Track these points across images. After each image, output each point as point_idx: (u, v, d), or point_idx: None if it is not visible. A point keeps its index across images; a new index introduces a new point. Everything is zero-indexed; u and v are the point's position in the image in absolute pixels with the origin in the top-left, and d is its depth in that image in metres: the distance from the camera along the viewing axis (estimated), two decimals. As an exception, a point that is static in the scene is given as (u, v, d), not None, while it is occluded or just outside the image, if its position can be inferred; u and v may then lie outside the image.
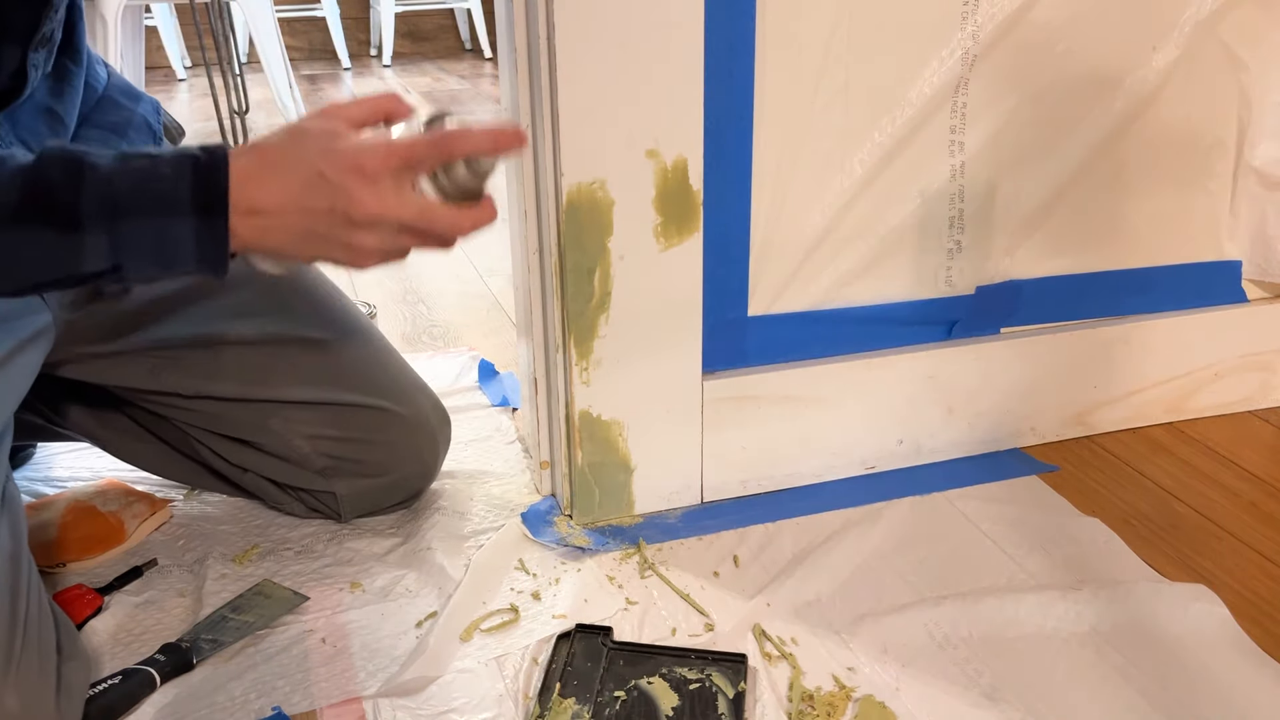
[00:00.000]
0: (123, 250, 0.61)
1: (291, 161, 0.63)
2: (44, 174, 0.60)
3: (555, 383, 0.96)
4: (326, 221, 0.63)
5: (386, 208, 0.62)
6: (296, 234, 0.63)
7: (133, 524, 0.97)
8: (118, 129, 0.88)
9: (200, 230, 0.61)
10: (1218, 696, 0.76)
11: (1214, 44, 1.04)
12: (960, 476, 1.07)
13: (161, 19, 4.01)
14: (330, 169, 0.62)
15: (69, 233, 0.59)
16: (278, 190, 0.62)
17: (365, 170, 0.62)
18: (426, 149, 0.64)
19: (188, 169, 0.61)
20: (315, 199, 0.62)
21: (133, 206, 0.60)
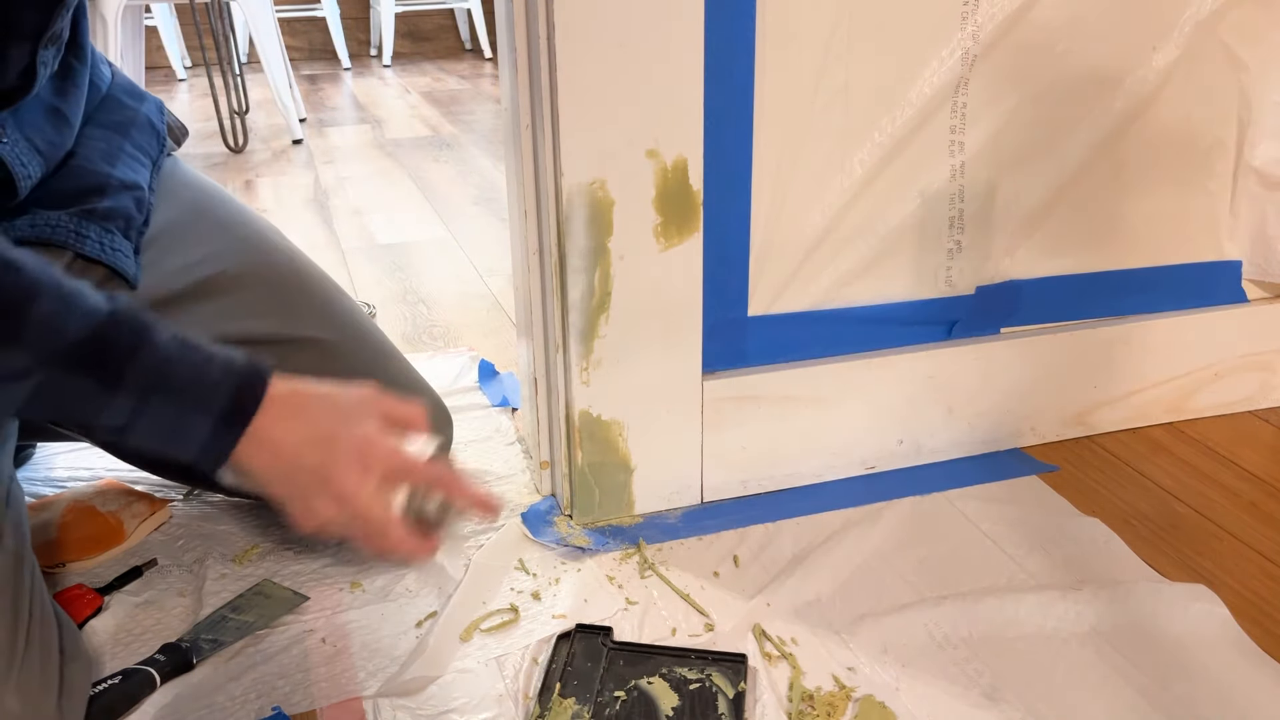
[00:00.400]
0: (140, 419, 0.64)
1: (315, 418, 0.67)
2: (110, 332, 0.62)
3: (555, 383, 0.96)
4: (307, 477, 0.67)
5: (360, 498, 0.66)
6: (279, 472, 0.67)
7: (132, 524, 0.97)
8: (121, 128, 0.88)
9: (214, 433, 0.65)
10: (1218, 696, 0.76)
11: (1214, 44, 1.04)
12: (960, 476, 1.07)
13: (161, 19, 4.01)
14: (341, 439, 0.67)
15: (104, 390, 0.62)
16: (288, 433, 0.66)
17: (366, 459, 0.67)
18: (422, 474, 0.69)
19: (234, 382, 0.65)
20: (313, 455, 0.66)
21: (170, 392, 0.64)
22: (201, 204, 0.95)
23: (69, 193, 0.82)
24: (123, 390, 0.62)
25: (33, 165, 0.78)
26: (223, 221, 0.95)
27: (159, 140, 0.93)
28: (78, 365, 0.61)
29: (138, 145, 0.89)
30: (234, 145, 2.79)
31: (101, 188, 0.84)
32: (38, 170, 0.79)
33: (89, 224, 0.82)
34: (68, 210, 0.81)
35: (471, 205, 2.26)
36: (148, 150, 0.91)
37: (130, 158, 0.88)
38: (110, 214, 0.84)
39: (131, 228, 0.86)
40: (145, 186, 0.89)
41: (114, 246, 0.83)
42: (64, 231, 0.80)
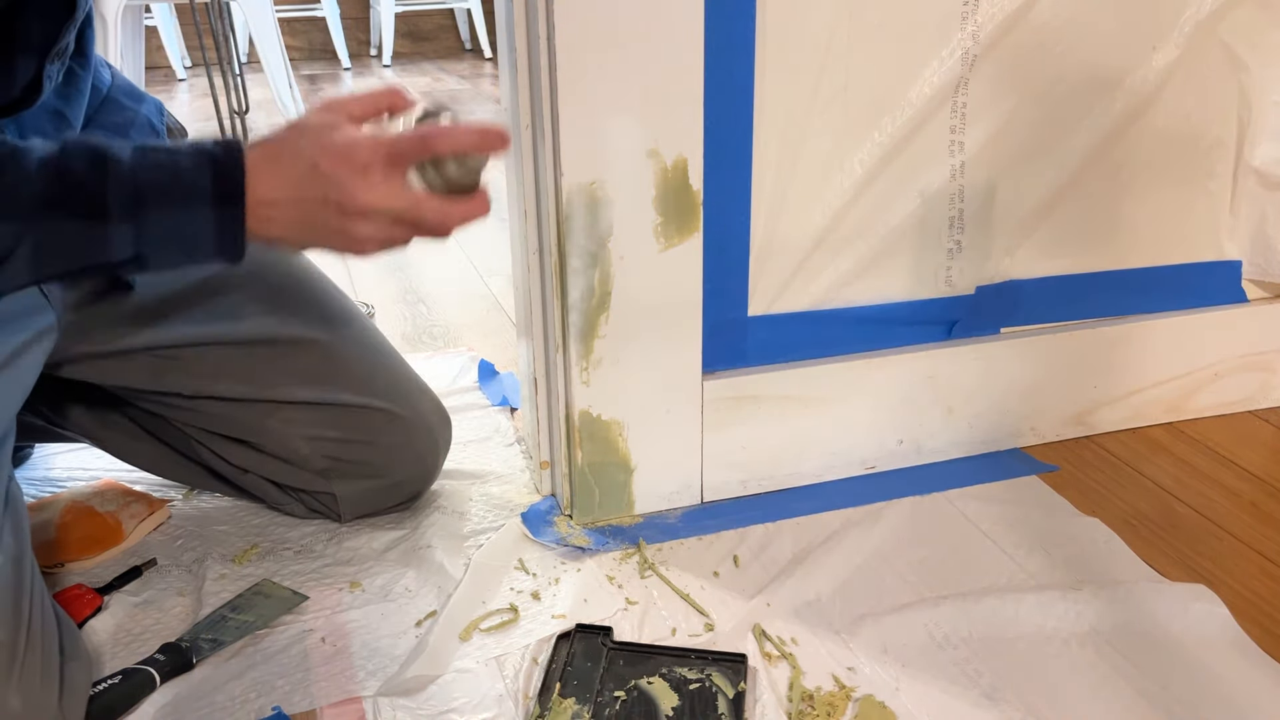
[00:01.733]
0: (146, 239, 0.63)
1: (291, 154, 0.66)
2: (69, 165, 0.62)
3: (555, 383, 0.96)
4: (322, 211, 0.65)
5: (377, 198, 0.65)
6: (296, 223, 0.66)
7: (131, 524, 0.97)
8: (121, 130, 0.88)
9: (219, 220, 0.64)
10: (1218, 696, 0.76)
11: (1214, 44, 1.04)
12: (960, 476, 1.07)
13: (161, 19, 4.01)
14: (324, 161, 0.65)
15: (96, 222, 0.62)
16: (279, 182, 0.65)
17: (355, 162, 0.65)
18: (411, 143, 0.67)
19: (206, 162, 0.64)
20: (311, 189, 0.65)
21: (156, 198, 0.63)
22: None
23: None
24: (111, 216, 0.62)
25: None
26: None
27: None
28: (57, 209, 0.61)
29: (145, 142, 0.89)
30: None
31: None
32: None
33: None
34: None
35: (471, 205, 2.25)
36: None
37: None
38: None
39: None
40: (145, 186, 0.88)
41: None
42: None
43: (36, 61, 0.72)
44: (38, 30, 0.71)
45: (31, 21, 0.71)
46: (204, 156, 0.64)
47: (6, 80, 0.71)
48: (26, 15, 0.70)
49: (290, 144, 0.66)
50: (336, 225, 0.66)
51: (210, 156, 0.64)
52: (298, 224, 0.66)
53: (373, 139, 0.66)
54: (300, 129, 0.67)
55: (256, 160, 0.65)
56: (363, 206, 0.65)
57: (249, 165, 0.65)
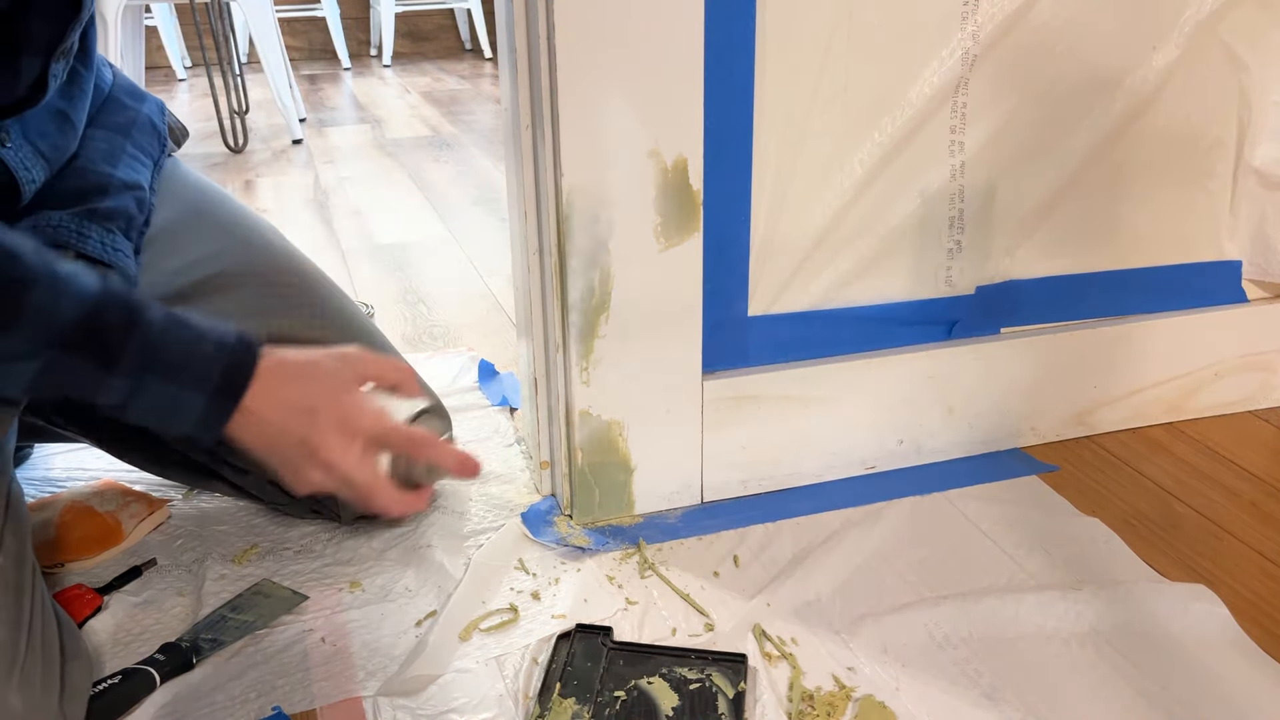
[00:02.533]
0: (137, 398, 0.66)
1: (299, 389, 0.70)
2: (102, 315, 0.64)
3: (555, 383, 0.96)
4: (293, 446, 0.69)
5: (345, 464, 0.69)
6: (266, 441, 0.69)
7: (130, 524, 0.97)
8: (122, 129, 0.88)
9: (209, 408, 0.67)
10: (1218, 696, 0.76)
11: (1214, 44, 1.04)
12: (960, 476, 1.07)
13: (161, 19, 4.01)
14: (323, 411, 0.69)
15: (101, 370, 0.64)
16: (275, 404, 0.69)
17: (348, 427, 0.69)
18: (402, 441, 0.72)
19: (225, 357, 0.67)
20: (297, 425, 0.69)
21: (165, 370, 0.66)
22: (201, 204, 0.95)
23: (71, 193, 0.82)
24: (119, 369, 0.64)
25: (36, 169, 0.78)
26: (222, 222, 0.95)
27: (160, 140, 0.93)
28: (75, 347, 0.63)
29: (139, 145, 0.89)
30: (234, 145, 2.79)
31: (103, 188, 0.84)
32: (41, 174, 0.79)
33: (90, 224, 0.82)
34: (69, 210, 0.81)
35: (471, 205, 2.26)
36: (149, 150, 0.91)
37: (131, 158, 0.88)
38: (112, 214, 0.84)
39: (132, 227, 0.86)
40: (146, 187, 0.89)
41: (115, 246, 0.83)
42: (66, 232, 0.80)
43: (41, 61, 0.73)
44: (42, 30, 0.72)
45: (36, 21, 0.71)
46: (224, 351, 0.67)
47: (11, 80, 0.72)
48: (31, 15, 0.70)
49: (304, 378, 0.70)
50: (297, 462, 0.70)
51: (230, 353, 0.67)
52: (266, 442, 0.69)
53: (375, 415, 0.70)
54: (318, 371, 0.71)
55: (267, 374, 0.68)
56: (329, 463, 0.69)
57: (259, 372, 0.68)
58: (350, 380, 0.72)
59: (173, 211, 0.92)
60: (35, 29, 0.71)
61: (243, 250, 0.93)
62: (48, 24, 0.72)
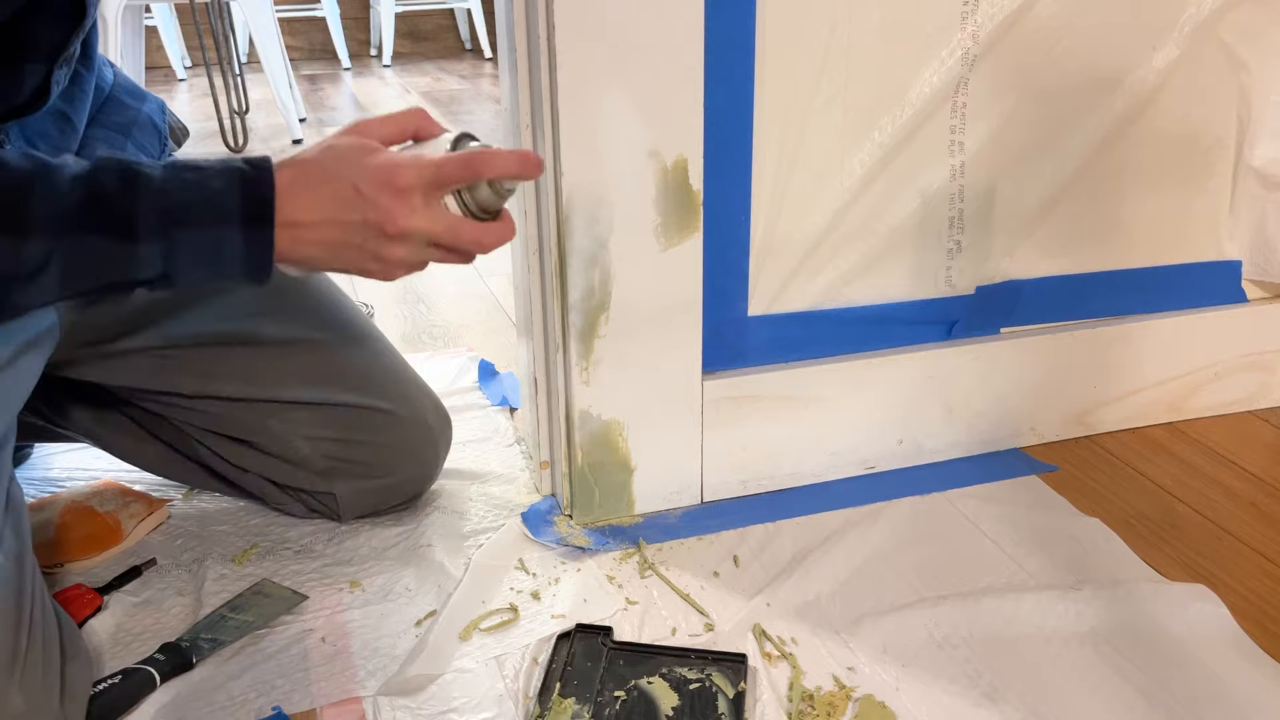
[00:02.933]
0: (175, 258, 0.63)
1: (328, 176, 0.65)
2: (100, 183, 0.62)
3: (555, 383, 0.96)
4: (360, 234, 0.65)
5: (417, 222, 0.65)
6: (330, 245, 0.66)
7: (130, 524, 0.97)
8: (123, 129, 0.88)
9: (248, 240, 0.64)
10: (1218, 696, 0.76)
11: (1214, 44, 1.04)
12: (960, 476, 1.07)
13: (161, 19, 4.01)
14: (365, 184, 0.65)
15: (125, 241, 0.62)
16: (315, 203, 0.65)
17: (398, 186, 0.65)
18: (456, 168, 0.67)
19: (236, 181, 0.64)
20: (350, 212, 0.65)
21: (186, 217, 0.63)
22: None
23: None
24: (141, 235, 0.62)
25: None
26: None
27: (161, 140, 0.93)
28: (88, 227, 0.61)
29: (139, 146, 0.89)
30: (234, 145, 2.79)
31: None
32: None
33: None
34: None
35: (471, 205, 2.25)
36: (149, 151, 0.91)
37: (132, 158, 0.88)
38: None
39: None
40: (146, 186, 0.88)
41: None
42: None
43: (45, 68, 0.72)
44: (46, 36, 0.71)
45: (40, 28, 0.70)
46: (233, 176, 0.64)
47: (14, 86, 0.71)
48: (35, 22, 0.70)
49: (326, 166, 0.66)
50: (372, 248, 0.66)
51: (240, 175, 0.64)
52: (331, 245, 0.66)
53: (415, 162, 0.66)
54: (335, 151, 0.67)
55: (289, 181, 0.65)
56: (403, 229, 0.65)
57: (280, 186, 0.64)
58: (368, 145, 0.67)
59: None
60: (39, 35, 0.70)
61: (243, 249, 0.93)
62: (52, 30, 0.71)
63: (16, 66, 0.70)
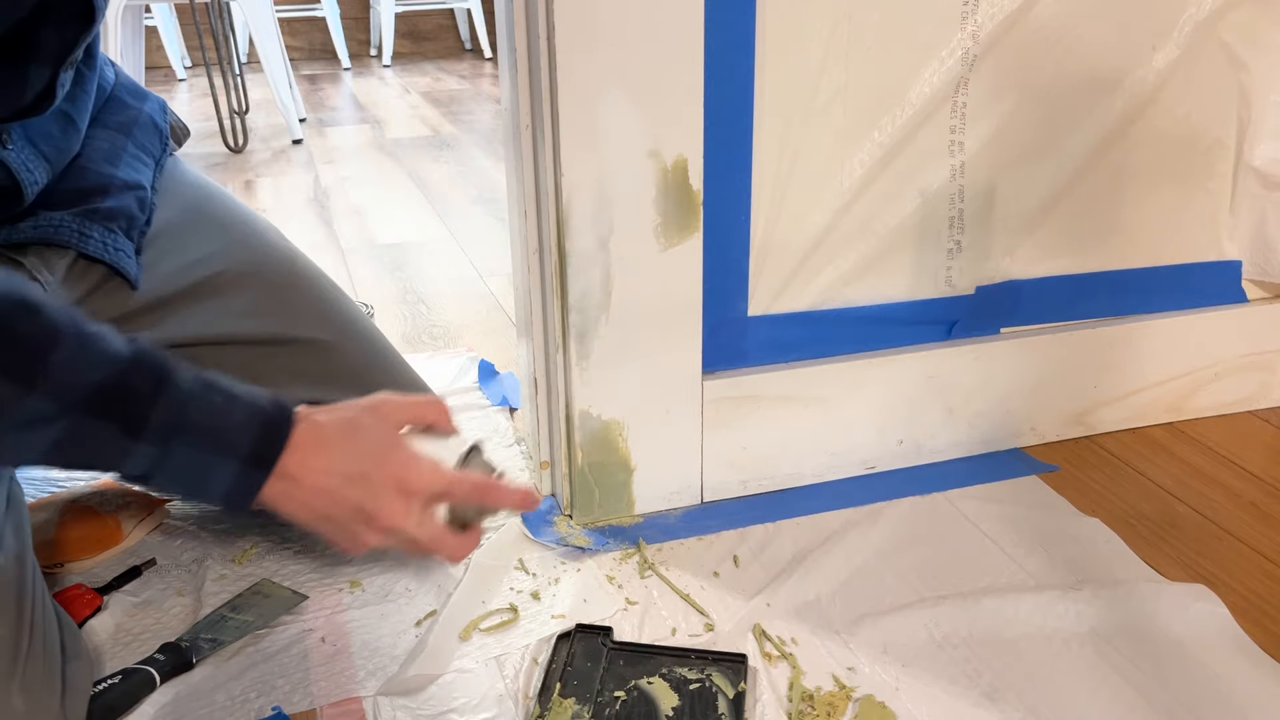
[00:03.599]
0: (163, 466, 0.62)
1: (345, 452, 0.66)
2: (132, 377, 0.61)
3: (555, 383, 0.96)
4: (348, 514, 0.66)
5: (408, 525, 0.66)
6: (315, 511, 0.66)
7: (129, 524, 0.97)
8: (124, 128, 0.88)
9: (239, 477, 0.63)
10: (1218, 696, 0.76)
11: (1214, 44, 1.04)
12: (960, 476, 1.07)
13: (161, 19, 4.01)
14: (376, 474, 0.65)
15: (126, 436, 0.61)
16: (320, 472, 0.65)
17: (406, 488, 0.66)
18: (467, 492, 0.68)
19: (256, 424, 0.64)
20: (351, 493, 0.65)
21: (192, 438, 0.62)
22: (201, 204, 0.95)
23: (72, 194, 0.82)
24: (145, 437, 0.61)
25: (39, 171, 0.78)
26: (222, 221, 0.95)
27: (162, 139, 0.93)
28: (100, 412, 0.60)
29: (140, 145, 0.89)
30: (234, 145, 2.79)
31: (104, 188, 0.84)
32: (43, 176, 0.78)
33: (91, 224, 0.82)
34: (71, 210, 0.81)
35: (471, 205, 2.26)
36: (150, 150, 0.91)
37: (133, 158, 0.88)
38: (113, 214, 0.84)
39: (134, 227, 0.86)
40: (148, 186, 0.89)
41: (116, 246, 0.83)
42: (67, 231, 0.80)
43: (50, 71, 0.72)
44: (53, 40, 0.71)
45: (48, 32, 0.70)
46: (256, 418, 0.64)
47: (19, 89, 0.71)
48: (44, 26, 0.70)
49: (346, 442, 0.66)
50: (355, 528, 0.66)
51: (262, 419, 0.64)
52: (317, 511, 0.66)
53: (430, 470, 0.67)
54: (360, 429, 0.67)
55: (304, 438, 0.65)
56: (390, 528, 0.66)
57: (294, 440, 0.64)
58: (393, 435, 0.68)
59: (173, 211, 0.92)
60: (46, 39, 0.70)
61: (243, 250, 0.93)
62: (59, 34, 0.71)
63: (22, 69, 0.70)
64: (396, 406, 0.70)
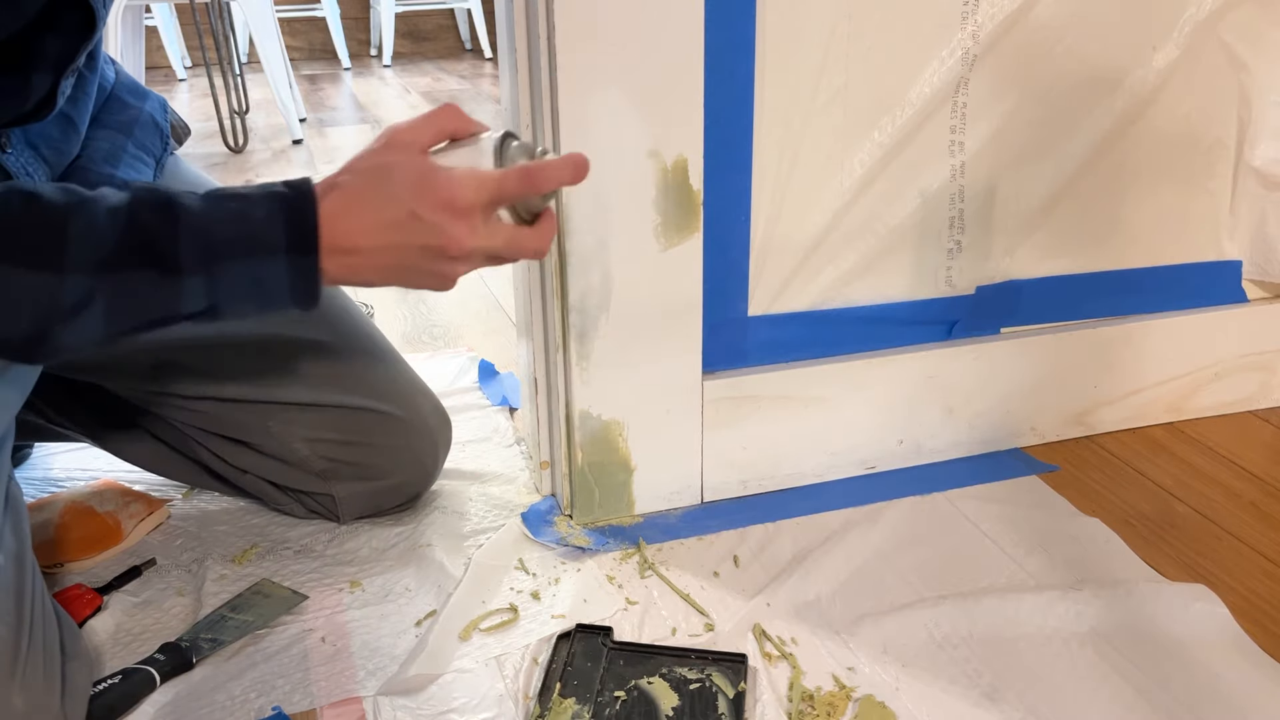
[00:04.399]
0: (220, 291, 0.62)
1: (382, 200, 0.63)
2: (139, 217, 0.60)
3: (555, 383, 0.96)
4: (420, 257, 0.64)
5: (479, 241, 0.64)
6: (388, 269, 0.64)
7: (129, 524, 0.97)
8: (124, 127, 0.88)
9: (294, 269, 0.62)
10: (1218, 696, 0.76)
11: (1214, 44, 1.04)
12: (960, 476, 1.07)
13: (161, 19, 4.01)
14: (423, 208, 0.63)
15: (169, 276, 0.60)
16: (369, 229, 0.63)
17: (458, 207, 0.63)
18: (517, 185, 0.65)
19: (279, 209, 0.62)
20: (409, 236, 0.63)
21: (229, 250, 0.61)
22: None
23: None
24: (185, 269, 0.60)
25: (38, 175, 0.78)
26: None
27: (162, 138, 0.93)
28: (130, 263, 0.59)
29: (140, 144, 0.89)
30: (234, 145, 2.79)
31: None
32: (43, 178, 0.78)
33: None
34: None
35: (471, 205, 2.25)
36: (151, 149, 0.91)
37: (133, 158, 0.88)
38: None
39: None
40: (148, 185, 0.88)
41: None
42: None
43: (52, 78, 0.72)
44: (55, 48, 0.71)
45: (51, 39, 0.70)
46: (276, 203, 0.62)
47: (21, 95, 0.71)
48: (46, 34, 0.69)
49: (379, 188, 0.64)
50: (433, 268, 0.65)
51: (283, 204, 0.62)
52: (389, 269, 0.64)
53: (475, 180, 0.64)
54: (385, 172, 0.64)
55: (337, 207, 0.63)
56: (467, 251, 0.64)
57: (328, 212, 0.62)
58: (421, 163, 0.64)
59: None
60: (48, 47, 0.70)
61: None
62: (61, 42, 0.71)
63: (23, 76, 0.70)
64: (409, 131, 0.66)
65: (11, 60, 0.68)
